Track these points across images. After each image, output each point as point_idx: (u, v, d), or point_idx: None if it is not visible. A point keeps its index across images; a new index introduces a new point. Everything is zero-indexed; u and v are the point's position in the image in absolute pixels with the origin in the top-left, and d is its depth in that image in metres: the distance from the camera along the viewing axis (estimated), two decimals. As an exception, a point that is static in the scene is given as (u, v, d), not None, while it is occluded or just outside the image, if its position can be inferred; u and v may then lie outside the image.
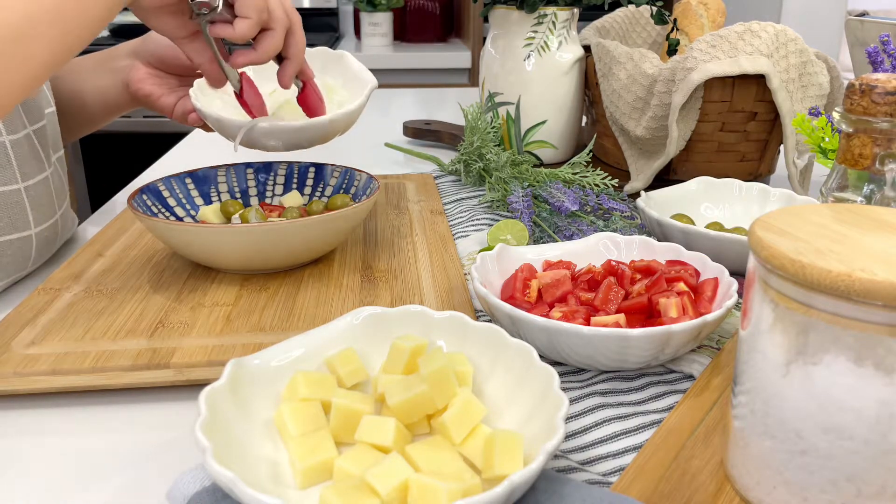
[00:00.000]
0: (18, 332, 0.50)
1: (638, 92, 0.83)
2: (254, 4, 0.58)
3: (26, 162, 0.62)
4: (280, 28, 0.61)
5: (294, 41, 0.63)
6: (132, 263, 0.62)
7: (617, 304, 0.50)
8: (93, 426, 0.45)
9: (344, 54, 0.75)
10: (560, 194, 0.72)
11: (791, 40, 0.78)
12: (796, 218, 0.35)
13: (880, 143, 0.45)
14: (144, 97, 0.73)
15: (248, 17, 0.58)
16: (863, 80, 0.45)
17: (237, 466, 0.34)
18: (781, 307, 0.32)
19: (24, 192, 0.62)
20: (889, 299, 0.28)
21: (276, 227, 0.55)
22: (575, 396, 0.47)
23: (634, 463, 0.39)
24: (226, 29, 0.59)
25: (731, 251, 0.60)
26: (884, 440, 0.31)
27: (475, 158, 0.87)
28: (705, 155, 0.83)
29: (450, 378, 0.40)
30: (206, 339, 0.50)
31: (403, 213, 0.77)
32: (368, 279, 0.60)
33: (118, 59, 0.76)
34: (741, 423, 0.36)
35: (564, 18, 0.89)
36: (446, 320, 0.45)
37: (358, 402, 0.40)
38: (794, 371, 0.32)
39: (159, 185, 0.66)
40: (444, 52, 2.36)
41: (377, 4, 2.37)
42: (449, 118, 1.29)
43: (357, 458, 0.37)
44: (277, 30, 0.60)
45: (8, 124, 0.61)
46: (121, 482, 0.40)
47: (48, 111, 0.69)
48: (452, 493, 0.32)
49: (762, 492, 0.35)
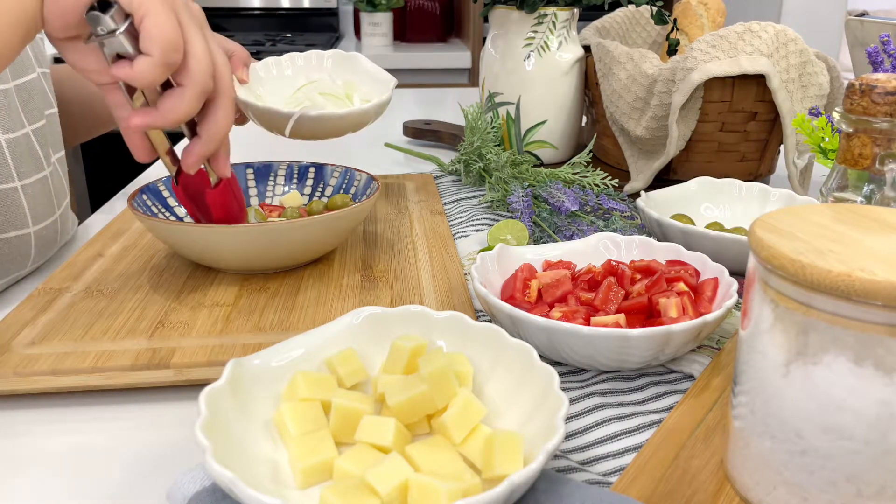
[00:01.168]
0: (18, 332, 0.50)
1: (638, 92, 0.83)
2: (163, 39, 0.44)
3: (24, 161, 0.63)
4: (193, 88, 0.47)
5: (212, 116, 0.50)
6: (132, 263, 0.62)
7: (617, 304, 0.50)
8: (93, 426, 0.45)
9: (357, 55, 0.77)
10: (560, 194, 0.72)
11: (791, 40, 0.78)
12: (796, 218, 0.35)
13: (880, 143, 0.45)
14: None
15: (150, 53, 0.44)
16: (863, 80, 0.45)
17: (237, 466, 0.34)
18: (781, 307, 0.32)
19: (21, 191, 0.62)
20: (889, 299, 0.28)
21: (276, 227, 0.55)
22: (575, 396, 0.47)
23: (634, 463, 0.39)
24: (124, 68, 0.45)
25: (731, 251, 0.60)
26: (884, 440, 0.31)
27: (475, 158, 0.87)
28: (705, 155, 0.83)
29: (450, 378, 0.40)
30: (206, 339, 0.50)
31: (403, 213, 0.77)
32: (368, 279, 0.60)
33: None
34: (741, 423, 0.36)
35: (564, 18, 0.89)
36: (446, 320, 0.45)
37: (358, 402, 0.40)
38: (794, 371, 0.32)
39: (159, 185, 0.66)
40: (444, 52, 2.36)
41: (377, 4, 2.37)
42: (449, 118, 1.29)
43: (357, 458, 0.37)
44: (188, 89, 0.47)
45: (5, 123, 0.61)
46: (121, 482, 0.40)
47: (48, 112, 0.69)
48: (452, 493, 0.32)
49: (762, 492, 0.35)
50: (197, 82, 0.47)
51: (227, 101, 0.50)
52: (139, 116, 0.48)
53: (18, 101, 0.64)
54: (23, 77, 0.65)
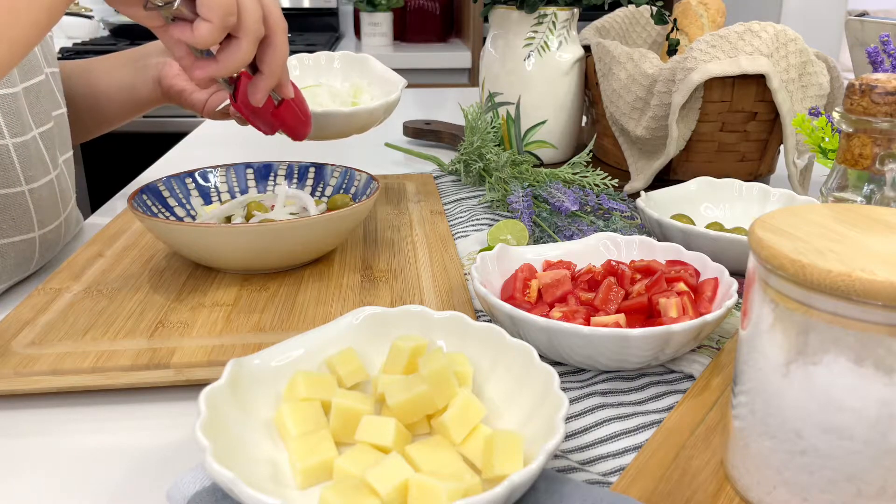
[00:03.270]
0: (18, 332, 0.50)
1: (638, 92, 0.83)
2: (218, 5, 0.48)
3: (31, 165, 0.62)
4: (248, 38, 0.52)
5: (270, 53, 0.55)
6: (132, 263, 0.62)
7: (617, 304, 0.50)
8: (93, 426, 0.45)
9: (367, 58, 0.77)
10: (560, 194, 0.72)
11: (791, 40, 0.78)
12: (796, 218, 0.35)
13: (880, 143, 0.45)
14: (177, 93, 0.75)
15: (208, 20, 0.49)
16: (863, 80, 0.45)
17: (237, 466, 0.34)
18: (781, 307, 0.32)
19: (28, 195, 0.62)
20: (889, 299, 0.28)
21: (276, 227, 0.55)
22: (575, 396, 0.47)
23: (634, 463, 0.39)
24: (184, 30, 0.50)
25: (731, 251, 0.60)
26: (884, 440, 0.31)
27: (475, 158, 0.87)
28: (705, 155, 0.83)
29: (450, 378, 0.40)
30: (206, 339, 0.50)
31: (403, 213, 0.77)
32: (368, 279, 0.60)
33: (149, 56, 0.78)
34: (741, 423, 0.36)
35: (564, 18, 0.89)
36: (446, 320, 0.45)
37: (358, 402, 0.40)
38: (794, 371, 0.32)
39: (159, 185, 0.66)
40: (444, 52, 2.36)
41: (377, 4, 2.37)
42: (449, 118, 1.29)
43: (357, 458, 0.37)
44: (244, 40, 0.51)
45: (13, 127, 0.60)
46: (121, 482, 0.40)
47: (56, 113, 0.69)
48: (452, 493, 0.32)
49: (762, 492, 0.35)
50: (250, 32, 0.51)
51: (281, 36, 0.54)
52: (202, 69, 0.53)
53: (26, 103, 0.63)
54: (31, 79, 0.65)
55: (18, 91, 0.62)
